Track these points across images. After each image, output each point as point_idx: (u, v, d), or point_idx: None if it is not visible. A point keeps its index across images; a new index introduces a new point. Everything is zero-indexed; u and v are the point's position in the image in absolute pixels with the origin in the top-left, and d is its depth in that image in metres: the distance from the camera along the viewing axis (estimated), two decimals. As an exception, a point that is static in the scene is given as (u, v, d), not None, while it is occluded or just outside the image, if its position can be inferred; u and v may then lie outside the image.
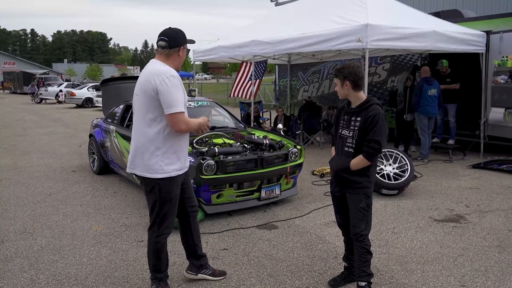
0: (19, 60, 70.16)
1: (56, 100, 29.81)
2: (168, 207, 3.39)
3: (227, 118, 7.36)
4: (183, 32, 3.42)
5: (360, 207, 3.40)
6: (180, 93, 3.25)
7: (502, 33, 8.77)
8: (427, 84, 8.61)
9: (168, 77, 3.19)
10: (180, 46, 3.36)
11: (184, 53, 3.42)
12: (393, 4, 8.90)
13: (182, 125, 3.24)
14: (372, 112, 3.30)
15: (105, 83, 8.72)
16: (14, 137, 12.97)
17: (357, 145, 3.37)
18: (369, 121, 3.28)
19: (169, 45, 3.31)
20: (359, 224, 3.40)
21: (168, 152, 3.31)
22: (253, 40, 9.14)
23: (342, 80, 3.39)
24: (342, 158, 3.47)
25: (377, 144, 3.26)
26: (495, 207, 5.95)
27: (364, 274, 3.39)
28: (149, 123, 3.28)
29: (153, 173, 3.30)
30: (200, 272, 3.79)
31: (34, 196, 6.59)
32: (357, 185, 3.41)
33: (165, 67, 3.27)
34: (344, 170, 3.42)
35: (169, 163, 3.32)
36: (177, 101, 3.20)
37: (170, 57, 3.35)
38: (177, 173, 3.38)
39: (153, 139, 3.28)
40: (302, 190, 6.77)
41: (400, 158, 6.68)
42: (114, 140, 7.04)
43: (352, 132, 3.40)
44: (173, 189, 3.38)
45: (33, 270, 4.09)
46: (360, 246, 3.40)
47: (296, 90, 14.56)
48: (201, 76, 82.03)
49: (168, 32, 3.35)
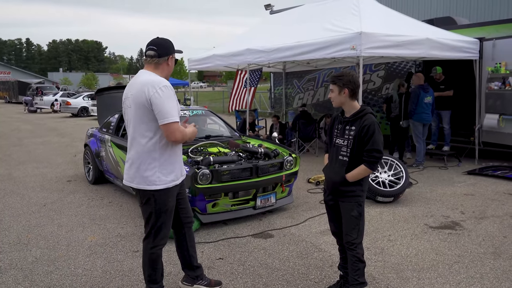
0: (14, 70, 70.13)
1: (52, 109, 29.74)
2: (163, 218, 3.38)
3: (222, 127, 7.37)
4: (171, 41, 3.42)
5: (352, 215, 3.41)
6: (174, 103, 3.24)
7: (495, 39, 8.83)
8: (424, 91, 8.66)
9: (161, 88, 3.18)
10: (168, 55, 3.35)
11: (172, 62, 3.41)
12: (386, 12, 8.96)
13: (177, 135, 3.22)
14: (367, 121, 3.32)
15: (100, 93, 8.72)
16: (9, 147, 12.92)
17: (352, 154, 3.38)
18: (365, 131, 3.31)
19: (158, 54, 3.30)
20: (351, 233, 3.41)
21: (165, 163, 3.30)
22: (248, 49, 9.17)
23: (341, 87, 3.38)
24: (336, 167, 3.47)
25: (378, 153, 3.31)
26: (490, 213, 5.96)
27: (356, 282, 3.38)
28: (144, 134, 3.26)
29: (150, 185, 3.29)
30: (196, 283, 3.77)
31: (29, 206, 6.56)
32: (350, 193, 3.42)
33: (157, 77, 3.26)
34: (339, 180, 3.42)
35: (166, 174, 3.31)
36: (171, 111, 3.19)
37: (159, 67, 3.34)
38: (174, 183, 3.38)
39: (149, 151, 3.27)
40: (297, 198, 6.76)
41: (395, 165, 6.70)
42: (109, 150, 7.03)
43: (346, 141, 3.41)
44: (169, 200, 3.38)
45: (27, 281, 4.06)
46: (351, 254, 3.40)
47: (292, 98, 14.60)
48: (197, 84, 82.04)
49: (156, 41, 3.34)
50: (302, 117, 10.97)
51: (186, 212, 3.67)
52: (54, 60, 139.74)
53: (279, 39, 8.85)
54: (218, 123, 7.49)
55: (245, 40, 10.12)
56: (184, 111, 7.00)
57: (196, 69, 11.97)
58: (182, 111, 6.92)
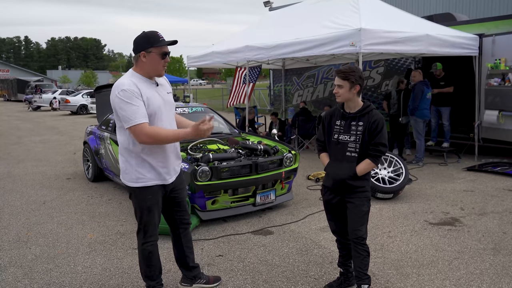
0: (13, 68, 70.00)
1: (51, 107, 29.70)
2: (147, 216, 3.35)
3: (221, 124, 7.36)
4: (148, 36, 3.20)
5: (364, 210, 3.41)
6: (134, 106, 3.09)
7: (494, 36, 8.83)
8: (426, 87, 8.66)
9: (119, 92, 3.11)
10: (140, 51, 3.20)
11: (151, 58, 3.19)
12: (386, 8, 8.94)
13: (143, 137, 3.11)
14: (376, 116, 3.35)
15: (99, 90, 8.70)
16: (9, 145, 12.90)
17: (362, 149, 3.37)
18: (374, 126, 3.32)
19: (133, 51, 3.26)
20: (361, 228, 3.40)
21: (142, 162, 3.27)
22: (247, 46, 9.15)
23: (353, 84, 3.31)
24: (344, 164, 3.40)
25: (384, 147, 3.35)
26: (490, 209, 5.96)
27: (366, 277, 3.39)
28: (122, 133, 3.31)
29: (130, 182, 3.32)
30: (195, 283, 3.75)
31: (29, 204, 6.55)
32: (361, 189, 3.41)
33: (122, 79, 3.20)
34: (350, 176, 3.38)
35: (142, 173, 3.28)
36: (129, 114, 3.09)
37: (137, 63, 3.27)
38: (154, 182, 3.31)
39: (127, 150, 3.30)
40: (297, 195, 6.76)
41: (395, 162, 6.69)
42: (109, 147, 7.02)
43: (354, 137, 3.37)
44: (148, 198, 3.32)
45: (27, 279, 4.06)
46: (362, 249, 3.39)
47: (291, 94, 14.58)
48: (196, 81, 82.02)
49: (135, 38, 3.27)
50: (302, 114, 10.96)
51: (182, 215, 3.62)
52: (53, 58, 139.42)
53: (278, 36, 8.83)
54: (217, 120, 7.46)
55: (244, 37, 10.10)
56: (184, 108, 6.99)
57: (195, 66, 11.95)
58: (181, 108, 6.91)
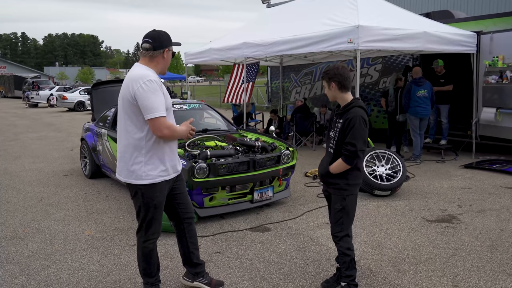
0: (10, 64, 69.78)
1: (48, 104, 29.63)
2: (152, 213, 3.34)
3: (219, 121, 7.35)
4: (168, 34, 3.34)
5: (336, 208, 3.45)
6: (159, 97, 3.16)
7: (492, 33, 8.82)
8: (416, 85, 8.64)
9: (145, 82, 3.11)
10: (164, 48, 3.28)
11: (169, 56, 3.35)
12: (384, 5, 8.93)
13: (164, 130, 3.15)
14: (351, 115, 3.32)
15: (96, 87, 8.68)
16: (5, 142, 12.87)
17: (337, 147, 3.43)
18: (346, 124, 3.33)
19: (153, 47, 3.24)
20: (334, 225, 3.47)
21: (152, 157, 3.25)
22: (245, 43, 9.13)
23: (328, 82, 3.42)
24: (325, 158, 3.57)
25: (352, 147, 3.26)
26: (487, 206, 5.97)
27: (344, 275, 3.46)
28: (131, 129, 3.23)
29: (137, 179, 3.26)
30: (196, 280, 3.72)
31: (26, 201, 6.53)
32: (335, 186, 3.46)
33: (145, 71, 3.20)
34: (325, 171, 3.51)
35: (151, 169, 3.25)
36: (156, 105, 3.11)
37: (154, 60, 3.28)
38: (161, 179, 3.31)
39: (135, 145, 3.23)
40: (294, 192, 6.76)
41: (393, 159, 6.70)
42: (106, 144, 7.01)
43: (334, 134, 3.47)
44: (156, 195, 3.31)
45: (24, 276, 4.05)
46: (338, 247, 3.48)
47: (289, 91, 14.57)
48: (194, 78, 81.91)
49: (152, 34, 3.28)
50: (300, 111, 10.95)
51: (185, 207, 3.62)
52: (50, 54, 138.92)
53: (276, 32, 8.81)
54: (215, 117, 7.47)
55: (242, 34, 10.08)
56: (181, 105, 6.98)
57: (192, 63, 11.93)
58: (179, 105, 6.90)
